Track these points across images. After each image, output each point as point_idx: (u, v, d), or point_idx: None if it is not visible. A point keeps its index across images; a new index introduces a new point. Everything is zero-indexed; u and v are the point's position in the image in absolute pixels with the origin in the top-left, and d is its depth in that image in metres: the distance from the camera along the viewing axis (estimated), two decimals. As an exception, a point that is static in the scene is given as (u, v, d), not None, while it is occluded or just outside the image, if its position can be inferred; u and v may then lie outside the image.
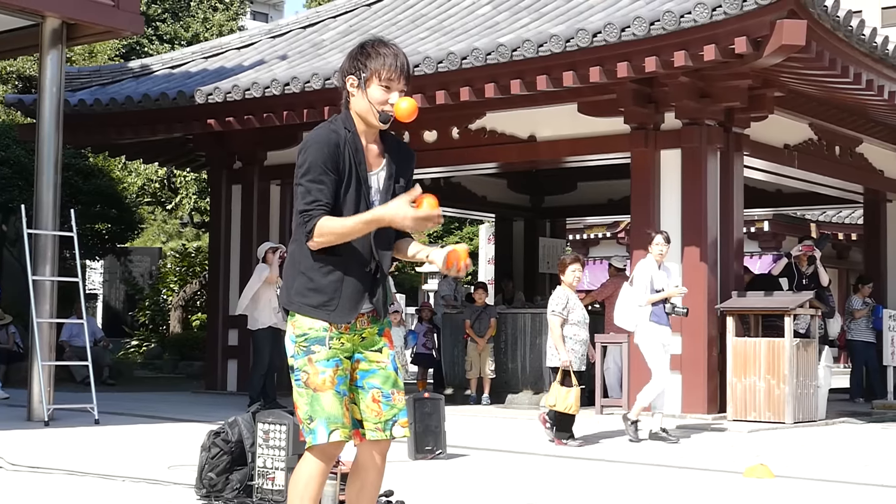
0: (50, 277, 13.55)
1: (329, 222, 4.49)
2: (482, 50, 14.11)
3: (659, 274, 12.16)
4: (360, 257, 4.61)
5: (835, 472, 9.77)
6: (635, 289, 12.18)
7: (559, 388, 11.36)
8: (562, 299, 11.68)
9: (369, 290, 4.64)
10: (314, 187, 4.52)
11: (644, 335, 12.12)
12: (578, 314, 11.75)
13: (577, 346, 11.63)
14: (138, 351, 26.79)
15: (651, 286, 12.04)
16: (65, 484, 8.23)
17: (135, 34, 16.23)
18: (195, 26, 36.22)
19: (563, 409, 11.31)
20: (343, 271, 4.60)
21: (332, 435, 4.55)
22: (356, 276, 4.61)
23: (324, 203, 4.51)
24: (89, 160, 25.24)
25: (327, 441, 4.55)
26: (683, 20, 12.63)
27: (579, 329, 11.69)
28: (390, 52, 4.66)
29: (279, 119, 16.28)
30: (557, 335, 11.53)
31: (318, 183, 4.52)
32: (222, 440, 7.48)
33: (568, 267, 11.82)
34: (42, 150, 13.70)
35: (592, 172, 20.46)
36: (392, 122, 4.69)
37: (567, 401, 11.28)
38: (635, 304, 12.12)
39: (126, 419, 13.48)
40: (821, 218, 29.63)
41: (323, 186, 4.51)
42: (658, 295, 12.03)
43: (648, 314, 12.03)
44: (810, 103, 15.97)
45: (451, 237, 39.47)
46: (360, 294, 4.62)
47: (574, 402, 11.30)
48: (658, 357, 12.04)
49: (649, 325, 12.04)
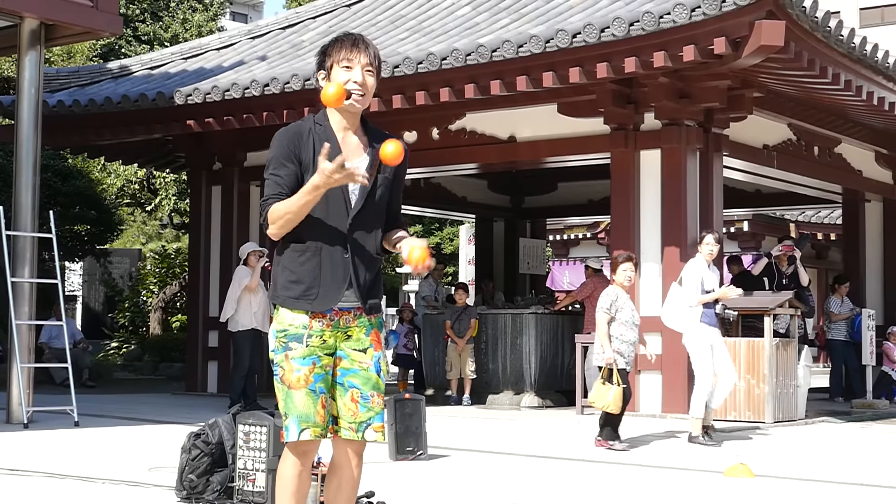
0: (29, 279, 13.49)
1: (276, 206, 4.55)
2: (462, 51, 14.12)
3: (709, 274, 11.83)
4: (334, 244, 4.62)
5: (815, 471, 9.81)
6: (685, 289, 11.80)
7: (599, 385, 11.13)
8: (610, 297, 11.37)
9: (351, 276, 4.63)
10: (271, 181, 4.62)
11: (694, 337, 11.75)
12: (627, 314, 11.38)
13: (623, 347, 11.27)
14: (118, 353, 26.71)
15: (701, 287, 11.72)
16: (44, 486, 8.19)
17: (113, 35, 16.17)
18: (174, 27, 36.13)
19: (601, 406, 11.07)
20: (319, 259, 4.63)
21: (302, 434, 4.59)
22: (333, 262, 4.63)
23: (279, 194, 4.57)
24: (68, 161, 25.16)
25: (297, 439, 4.60)
26: (663, 21, 12.66)
27: (627, 329, 11.32)
28: (349, 37, 4.72)
29: (259, 120, 16.27)
30: (603, 333, 11.24)
31: (275, 175, 4.61)
32: (203, 442, 7.46)
33: (619, 266, 11.50)
34: (20, 151, 13.64)
35: (572, 173, 20.50)
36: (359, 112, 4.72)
37: (606, 399, 11.00)
38: (685, 304, 11.75)
39: (106, 421, 13.43)
40: (800, 218, 29.75)
41: (280, 178, 4.59)
42: (708, 296, 11.70)
43: (699, 315, 11.68)
44: (789, 104, 16.03)
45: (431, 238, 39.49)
46: (341, 280, 4.63)
47: (613, 401, 10.98)
48: (705, 361, 11.66)
49: (700, 327, 11.69)
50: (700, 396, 11.63)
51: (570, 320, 16.56)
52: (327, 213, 4.62)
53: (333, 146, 4.62)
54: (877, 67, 14.37)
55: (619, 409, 11.10)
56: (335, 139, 4.68)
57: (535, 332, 16.02)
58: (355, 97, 4.65)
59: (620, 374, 11.13)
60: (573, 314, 16.74)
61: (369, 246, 4.70)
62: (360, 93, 4.65)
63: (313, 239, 4.62)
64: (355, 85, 4.64)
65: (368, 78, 4.68)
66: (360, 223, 4.67)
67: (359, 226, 4.66)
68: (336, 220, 4.62)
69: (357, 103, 4.66)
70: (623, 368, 11.22)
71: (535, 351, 15.99)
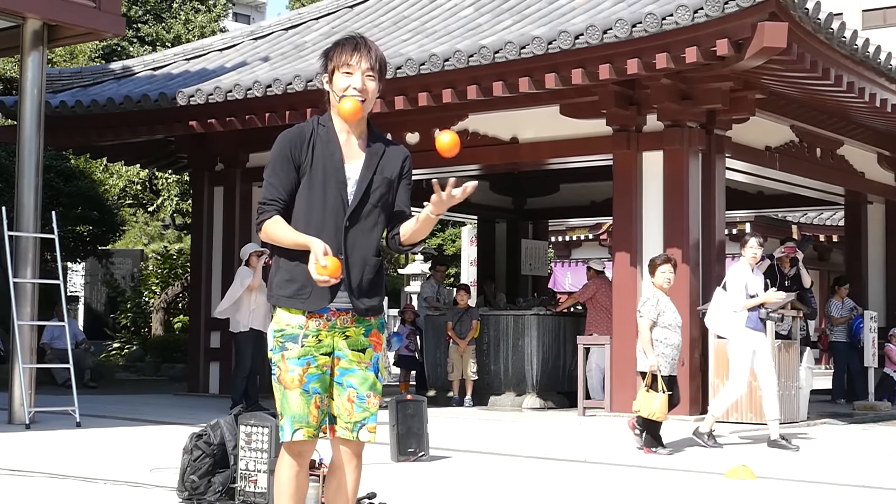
0: (31, 280, 13.49)
1: (272, 228, 4.62)
2: (464, 52, 14.12)
3: (753, 278, 11.73)
4: (329, 244, 4.61)
5: (816, 472, 9.80)
6: (730, 294, 11.68)
7: (644, 393, 10.90)
8: (651, 301, 11.19)
9: (344, 279, 4.63)
10: (269, 184, 4.68)
11: (738, 342, 11.63)
12: (670, 317, 11.17)
13: (668, 351, 11.05)
14: (120, 353, 26.72)
15: (746, 291, 11.61)
16: (46, 487, 8.19)
17: (116, 36, 16.15)
18: (177, 28, 36.12)
19: (646, 414, 10.83)
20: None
21: (295, 434, 4.63)
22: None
23: (275, 199, 4.64)
24: (71, 162, 25.17)
25: (290, 439, 4.64)
26: (665, 22, 12.66)
27: (670, 333, 11.11)
28: (350, 41, 4.71)
29: (261, 121, 16.27)
30: (646, 338, 11.02)
31: (273, 178, 4.66)
32: (204, 443, 7.46)
33: (658, 268, 11.32)
34: (23, 152, 13.64)
35: (575, 174, 20.49)
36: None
37: (652, 406, 10.79)
38: (730, 309, 11.64)
39: (108, 422, 13.44)
40: (802, 220, 29.74)
41: (277, 182, 4.63)
42: (753, 300, 11.59)
43: (744, 320, 11.57)
44: (791, 105, 16.03)
45: (434, 239, 39.50)
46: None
47: (659, 408, 10.77)
48: (743, 367, 11.55)
49: (745, 332, 11.58)
50: (727, 399, 11.56)
51: (571, 322, 16.55)
52: (324, 214, 4.64)
53: (335, 148, 4.64)
54: (879, 69, 14.37)
55: (665, 416, 10.89)
56: (337, 141, 4.69)
57: (537, 334, 16.01)
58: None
59: (665, 381, 10.92)
60: (575, 315, 16.74)
61: (367, 247, 4.70)
62: (361, 98, 4.65)
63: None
64: (355, 91, 4.64)
65: (369, 83, 4.67)
66: (357, 224, 4.68)
67: (355, 226, 4.67)
68: (332, 220, 4.64)
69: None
70: (667, 374, 11.00)
71: (536, 352, 15.98)
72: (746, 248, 11.81)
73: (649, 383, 10.92)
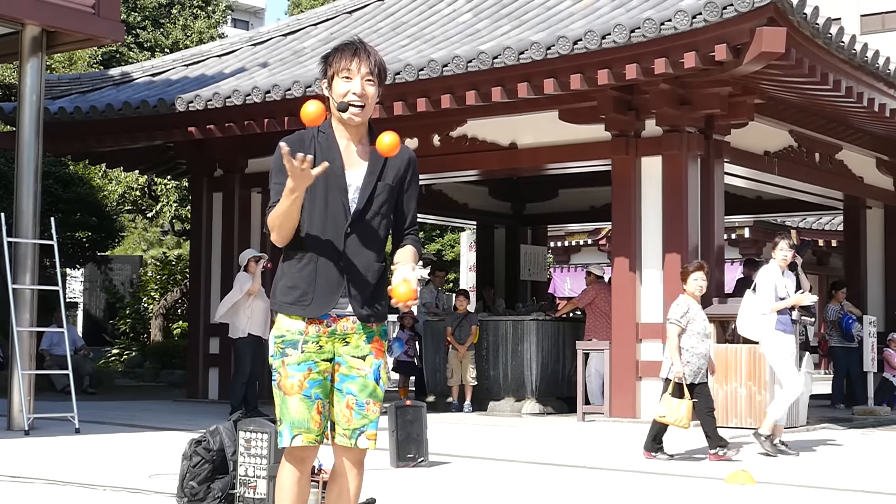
0: (30, 286, 13.48)
1: (271, 215, 4.61)
2: (463, 57, 14.13)
3: (784, 280, 11.57)
4: (331, 251, 4.63)
5: (816, 477, 9.80)
6: (759, 296, 11.58)
7: (671, 399, 10.78)
8: (681, 308, 11.05)
9: (345, 285, 4.64)
10: (273, 190, 4.67)
11: (770, 345, 11.55)
12: (699, 325, 11.03)
13: (693, 359, 10.94)
14: (119, 359, 26.70)
15: (775, 293, 11.50)
16: (45, 493, 8.19)
17: (115, 42, 16.16)
18: (176, 34, 36.15)
19: (672, 421, 10.72)
20: (316, 265, 4.64)
21: (294, 440, 4.62)
22: (329, 269, 4.64)
23: (276, 203, 4.61)
24: (69, 168, 25.18)
25: (290, 445, 4.63)
26: (664, 27, 12.67)
27: (698, 341, 10.99)
28: (350, 46, 4.71)
29: (260, 126, 16.27)
30: (673, 345, 10.93)
31: (277, 183, 4.64)
32: (204, 449, 7.46)
33: (690, 275, 11.21)
34: (22, 158, 13.64)
35: (573, 179, 20.50)
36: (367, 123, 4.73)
37: (678, 413, 10.69)
38: (759, 312, 11.53)
39: (107, 428, 13.42)
40: (801, 224, 29.74)
41: (280, 187, 4.61)
42: (783, 302, 11.46)
43: (774, 322, 11.46)
44: (790, 110, 16.04)
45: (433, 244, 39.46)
46: (335, 287, 4.64)
47: (685, 416, 10.69)
48: (788, 366, 11.46)
49: (775, 334, 11.48)
50: (785, 401, 11.44)
51: (571, 327, 16.55)
52: (325, 221, 4.64)
53: (335, 155, 4.64)
54: (878, 74, 14.38)
55: (689, 424, 10.79)
56: (337, 147, 4.69)
57: (537, 339, 16.01)
58: (353, 110, 4.64)
59: (689, 389, 10.82)
60: (574, 321, 16.74)
61: (369, 253, 4.69)
62: (360, 104, 4.64)
63: (312, 246, 4.64)
64: (354, 96, 4.63)
65: (369, 88, 4.66)
66: (359, 230, 4.67)
67: (357, 233, 4.66)
68: (335, 227, 4.64)
69: (356, 116, 4.66)
70: (692, 382, 10.90)
71: (536, 358, 15.98)
72: (777, 249, 11.67)
73: (673, 391, 10.82)
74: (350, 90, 4.63)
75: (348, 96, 4.62)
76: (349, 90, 4.63)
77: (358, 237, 4.67)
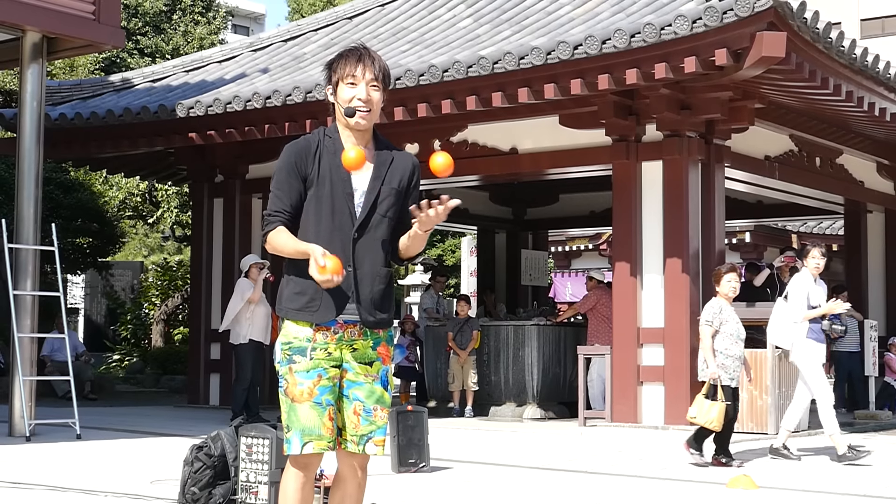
0: (31, 292, 13.48)
1: (277, 238, 4.62)
2: (463, 62, 14.14)
3: (816, 289, 11.47)
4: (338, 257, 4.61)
5: (817, 482, 9.80)
6: (791, 304, 11.50)
7: (703, 400, 10.74)
8: (714, 309, 10.98)
9: (353, 291, 4.63)
10: (275, 195, 4.68)
11: (802, 353, 11.43)
12: (732, 327, 10.95)
13: (728, 361, 10.85)
14: (120, 365, 26.71)
15: (808, 301, 11.39)
16: (46, 499, 8.19)
17: (115, 48, 16.17)
18: (176, 40, 36.15)
19: (703, 422, 10.69)
20: None
21: (305, 447, 4.59)
22: None
23: (280, 210, 4.65)
24: (70, 174, 25.18)
25: (300, 453, 4.60)
26: (664, 32, 12.67)
27: (731, 343, 10.91)
28: (354, 52, 4.71)
29: (261, 132, 16.28)
30: (707, 346, 10.83)
31: (279, 190, 4.66)
32: (205, 454, 7.46)
33: (723, 277, 11.10)
34: (23, 164, 13.65)
35: (574, 184, 20.49)
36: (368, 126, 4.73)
37: (709, 415, 10.63)
38: (791, 320, 11.45)
39: (108, 434, 13.42)
40: (802, 229, 29.73)
41: (282, 194, 4.64)
42: (815, 311, 11.35)
43: (805, 331, 11.35)
44: (790, 115, 16.04)
45: (433, 250, 39.50)
46: (343, 293, 4.61)
47: (716, 418, 10.62)
48: (819, 375, 11.38)
49: (807, 343, 11.37)
50: (828, 411, 11.29)
51: (572, 332, 16.55)
52: (332, 226, 4.63)
53: (339, 156, 4.64)
54: (878, 78, 14.38)
55: (721, 426, 10.74)
56: (342, 150, 4.69)
57: (538, 344, 16.01)
58: (360, 115, 4.65)
59: (724, 391, 10.76)
60: (575, 326, 16.74)
61: (376, 258, 4.69)
62: (366, 109, 4.65)
63: None
64: (360, 102, 4.64)
65: (373, 93, 4.67)
66: (366, 236, 4.67)
67: (364, 239, 4.67)
68: (341, 233, 4.64)
69: (363, 120, 4.67)
70: (727, 385, 10.84)
71: (537, 363, 15.98)
72: (809, 258, 11.55)
73: (708, 392, 10.76)
74: (355, 96, 4.64)
75: (353, 102, 4.63)
76: (354, 96, 4.64)
77: (365, 242, 4.67)
